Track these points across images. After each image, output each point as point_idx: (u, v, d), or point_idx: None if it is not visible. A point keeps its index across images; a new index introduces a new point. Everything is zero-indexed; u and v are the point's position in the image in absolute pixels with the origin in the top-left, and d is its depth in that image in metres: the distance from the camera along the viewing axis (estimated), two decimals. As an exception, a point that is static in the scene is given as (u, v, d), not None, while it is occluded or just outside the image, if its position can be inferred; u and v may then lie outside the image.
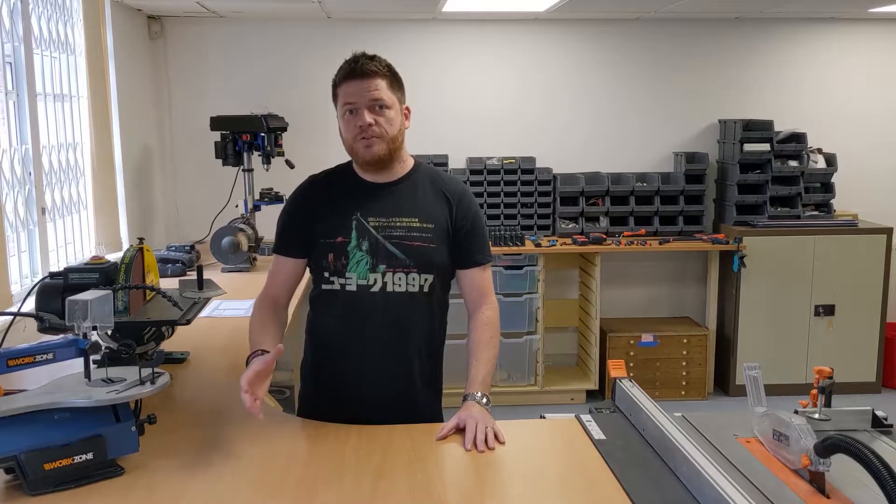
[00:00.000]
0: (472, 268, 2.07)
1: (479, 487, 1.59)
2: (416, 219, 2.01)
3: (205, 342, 2.64)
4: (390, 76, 1.99)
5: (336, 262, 1.99)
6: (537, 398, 4.91)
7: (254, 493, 1.55)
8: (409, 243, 1.98)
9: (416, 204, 2.03)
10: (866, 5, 4.73)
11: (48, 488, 1.52)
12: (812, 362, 4.88)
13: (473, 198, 2.12)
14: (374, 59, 1.97)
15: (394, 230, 1.99)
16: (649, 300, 5.44)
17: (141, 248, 2.22)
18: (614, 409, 1.98)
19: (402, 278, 1.98)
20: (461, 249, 2.05)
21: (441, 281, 2.05)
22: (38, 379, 1.73)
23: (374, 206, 2.01)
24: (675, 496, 1.51)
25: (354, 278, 1.98)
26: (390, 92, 1.98)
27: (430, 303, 2.03)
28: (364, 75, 1.94)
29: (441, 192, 2.05)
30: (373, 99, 1.94)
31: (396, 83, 2.01)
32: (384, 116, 1.96)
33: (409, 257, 1.98)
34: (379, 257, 1.98)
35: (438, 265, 2.02)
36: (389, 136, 1.98)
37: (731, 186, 5.07)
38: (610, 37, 5.23)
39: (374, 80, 1.94)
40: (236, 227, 4.07)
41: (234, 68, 5.00)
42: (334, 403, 2.02)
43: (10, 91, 3.19)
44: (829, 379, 1.81)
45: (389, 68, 1.99)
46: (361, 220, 1.99)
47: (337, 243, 1.99)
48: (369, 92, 1.94)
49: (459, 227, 2.04)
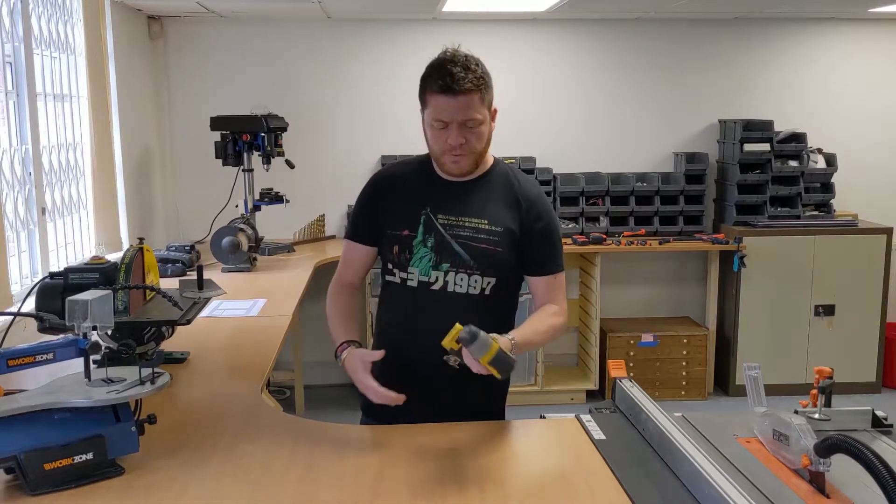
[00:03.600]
0: (541, 276, 2.03)
1: (479, 487, 1.59)
2: (486, 220, 1.97)
3: (205, 342, 2.64)
4: (483, 88, 1.89)
5: (400, 255, 1.98)
6: (537, 398, 4.91)
7: (254, 493, 1.55)
8: (476, 244, 1.95)
9: (486, 205, 1.99)
10: (866, 5, 4.73)
11: (48, 488, 1.52)
12: (812, 362, 4.88)
13: (548, 204, 2.05)
14: (469, 73, 1.86)
15: (461, 229, 1.96)
16: (649, 300, 5.44)
17: (141, 248, 2.22)
18: (614, 409, 1.98)
19: (464, 279, 1.96)
20: (530, 256, 2.01)
21: (506, 285, 2.01)
22: (38, 379, 1.73)
23: (444, 203, 1.98)
24: (675, 496, 1.51)
25: (416, 273, 1.97)
26: (482, 106, 1.90)
27: (492, 306, 1.99)
28: (458, 93, 1.85)
29: (514, 196, 2.01)
30: (465, 119, 1.88)
31: (488, 91, 1.92)
32: (475, 133, 1.91)
33: (473, 258, 1.95)
34: (443, 255, 1.96)
35: (503, 269, 1.98)
36: (478, 151, 1.95)
37: (731, 186, 5.07)
38: (610, 37, 5.23)
39: (469, 98, 1.86)
40: (236, 227, 4.08)
41: (234, 68, 5.00)
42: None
43: (10, 91, 3.19)
44: (829, 379, 1.81)
45: (482, 79, 1.90)
46: (430, 216, 1.97)
47: (403, 236, 1.98)
48: (462, 111, 1.87)
49: (529, 233, 1.99)
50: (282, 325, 2.89)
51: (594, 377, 5.02)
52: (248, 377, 2.29)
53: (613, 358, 2.71)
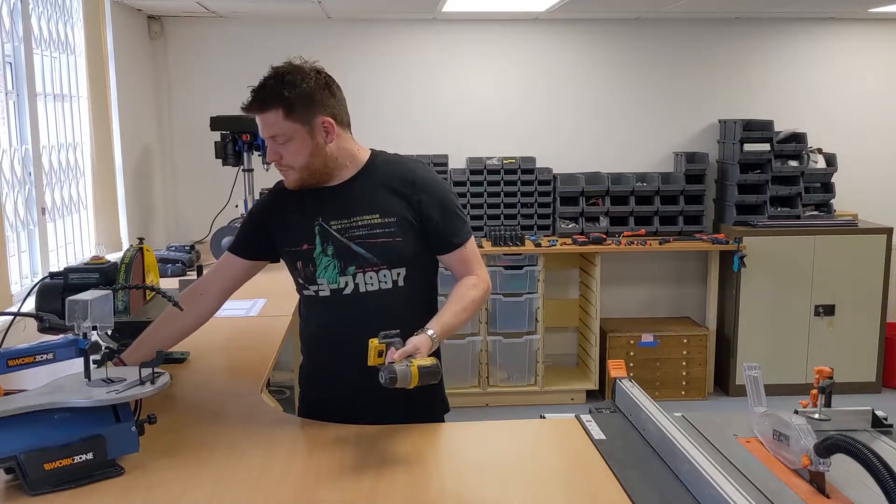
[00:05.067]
0: (449, 252, 2.02)
1: (479, 487, 1.59)
2: (377, 214, 1.96)
3: (205, 342, 2.63)
4: (286, 103, 1.86)
5: (305, 269, 1.99)
6: (537, 398, 4.91)
7: (254, 493, 1.55)
8: (374, 241, 1.95)
9: (373, 199, 1.97)
10: (866, 5, 4.73)
11: (48, 488, 1.52)
12: (812, 362, 4.88)
13: (436, 179, 2.02)
14: (266, 89, 1.88)
15: (357, 230, 1.95)
16: (649, 300, 5.44)
17: (141, 248, 2.23)
18: (614, 409, 1.98)
19: (373, 277, 1.95)
20: (432, 235, 1.99)
21: (417, 272, 2.00)
22: (38, 379, 1.73)
23: (333, 208, 1.98)
24: (675, 496, 1.51)
25: (326, 284, 1.97)
26: (288, 122, 1.87)
27: (411, 295, 1.99)
28: (258, 111, 1.89)
29: (397, 182, 1.98)
30: (270, 135, 1.90)
31: (294, 107, 1.87)
32: (287, 149, 1.90)
33: (375, 255, 1.95)
34: (346, 260, 1.95)
35: (408, 257, 1.97)
36: (300, 166, 1.93)
37: (731, 186, 5.07)
38: (610, 37, 5.23)
39: (266, 115, 1.88)
40: (236, 227, 4.07)
41: (234, 68, 5.00)
42: (332, 407, 2.01)
43: (10, 91, 3.19)
44: (829, 379, 1.81)
45: (279, 96, 1.86)
46: (324, 225, 1.97)
47: (303, 251, 1.98)
48: (265, 128, 1.90)
49: (422, 214, 1.97)
50: (282, 325, 2.89)
51: (594, 377, 5.02)
52: (248, 377, 2.29)
53: (613, 358, 2.71)
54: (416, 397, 1.92)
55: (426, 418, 1.99)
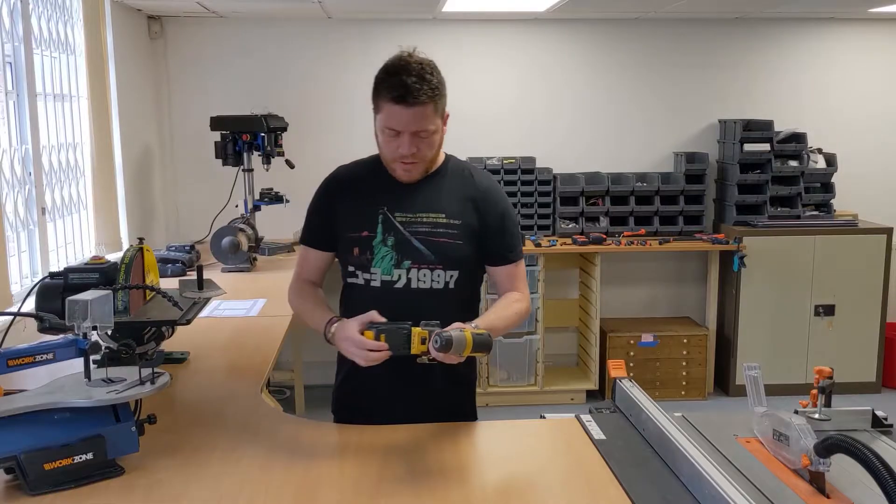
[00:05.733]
0: (501, 265, 2.05)
1: (479, 487, 1.59)
2: (443, 215, 1.98)
3: (205, 342, 2.64)
4: (437, 98, 1.88)
5: (361, 256, 1.98)
6: (537, 398, 4.91)
7: (254, 494, 1.55)
8: (435, 239, 1.96)
9: (442, 200, 2.00)
10: (866, 5, 4.73)
11: (48, 488, 1.52)
12: (812, 362, 4.88)
13: (503, 194, 2.08)
14: (424, 83, 1.84)
15: (420, 225, 1.97)
16: (649, 300, 5.44)
17: (141, 248, 2.22)
18: (614, 409, 1.98)
19: (427, 275, 1.96)
20: (490, 247, 2.03)
21: (469, 277, 2.03)
22: (38, 379, 1.73)
23: (401, 201, 1.99)
24: (675, 496, 1.51)
25: (379, 274, 1.97)
26: (435, 115, 1.90)
27: (457, 299, 2.00)
28: (412, 104, 1.84)
29: (469, 189, 2.02)
30: (418, 129, 1.89)
31: (442, 100, 1.92)
32: (426, 143, 1.92)
33: (434, 253, 1.96)
34: (404, 253, 1.96)
35: (464, 261, 1.99)
36: (429, 159, 1.97)
37: (731, 186, 5.07)
38: (610, 37, 5.23)
39: (421, 109, 1.86)
40: (236, 227, 4.08)
41: (234, 68, 5.00)
42: (368, 401, 2.03)
43: (10, 91, 3.19)
44: (829, 379, 1.81)
45: (437, 89, 1.88)
46: (388, 215, 1.98)
47: (362, 237, 1.98)
48: (416, 122, 1.87)
49: (487, 225, 2.01)
50: (282, 325, 2.89)
51: (594, 377, 5.02)
52: (248, 377, 2.29)
53: (613, 358, 2.70)
54: (449, 396, 1.97)
55: (460, 417, 1.99)
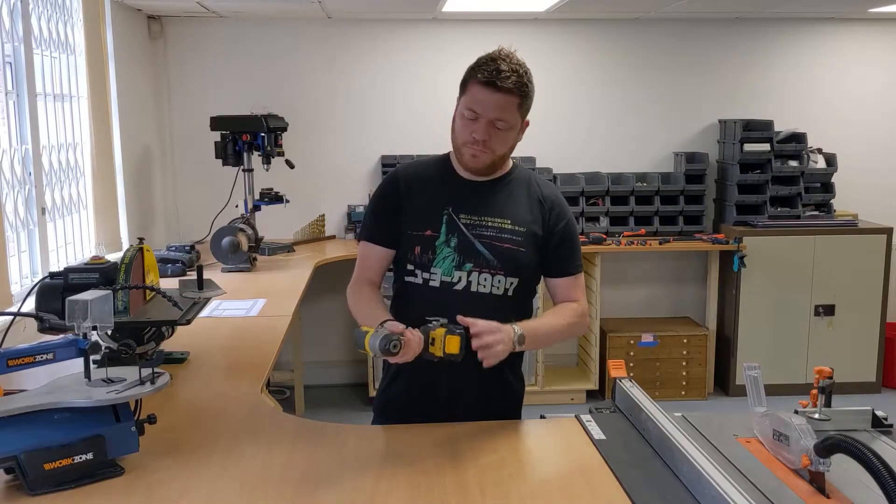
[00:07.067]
0: (561, 277, 2.04)
1: (479, 487, 1.59)
2: (509, 221, 1.97)
3: (205, 342, 2.64)
4: (524, 94, 1.91)
5: (423, 255, 1.96)
6: (537, 398, 4.90)
7: (254, 493, 1.55)
8: (499, 244, 1.95)
9: (509, 206, 1.99)
10: (866, 5, 4.73)
11: (48, 488, 1.52)
12: (812, 362, 4.88)
13: (567, 206, 2.07)
14: (515, 74, 1.88)
15: (485, 229, 1.96)
16: (649, 300, 5.44)
17: (141, 248, 2.22)
18: (614, 409, 1.98)
19: (488, 279, 1.95)
20: (552, 258, 2.02)
21: (526, 286, 2.02)
22: (38, 379, 1.73)
23: (467, 202, 1.98)
24: (675, 496, 1.51)
25: (439, 274, 1.95)
26: (517, 113, 1.92)
27: (512, 307, 1.97)
28: (499, 89, 1.86)
29: (536, 197, 2.02)
30: (498, 117, 1.89)
31: (527, 100, 1.94)
32: (500, 135, 1.92)
33: (497, 259, 1.95)
34: (466, 255, 1.95)
35: (526, 269, 1.98)
36: (499, 154, 1.96)
37: (731, 186, 5.07)
38: (610, 37, 5.23)
39: (507, 98, 1.88)
40: (236, 227, 4.07)
41: (234, 68, 5.00)
42: (412, 402, 2.02)
43: (10, 91, 3.19)
44: (829, 379, 1.81)
45: (526, 86, 1.91)
46: (453, 216, 1.96)
47: (425, 237, 1.96)
48: (497, 108, 1.88)
49: (551, 235, 2.00)
50: (282, 325, 2.89)
51: (594, 377, 5.02)
52: (248, 377, 2.29)
53: (613, 358, 2.70)
54: (496, 397, 1.99)
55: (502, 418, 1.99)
